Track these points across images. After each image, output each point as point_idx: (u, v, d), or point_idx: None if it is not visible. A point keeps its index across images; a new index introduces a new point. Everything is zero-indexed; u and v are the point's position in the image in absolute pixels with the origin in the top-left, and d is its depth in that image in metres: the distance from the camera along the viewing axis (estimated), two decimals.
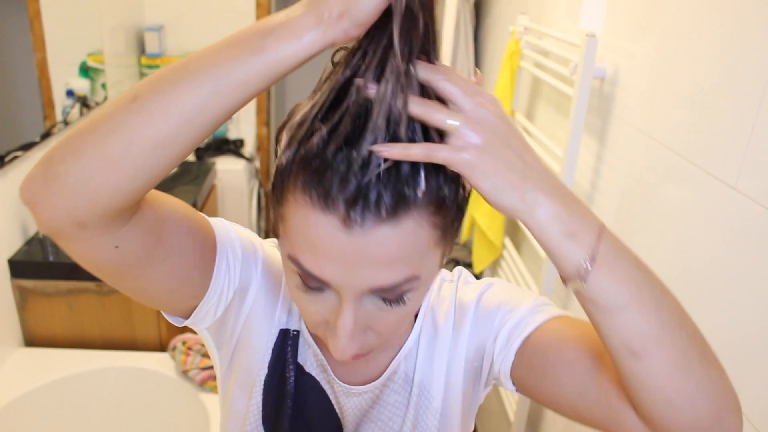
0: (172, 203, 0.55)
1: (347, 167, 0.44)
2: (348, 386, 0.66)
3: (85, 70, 2.13)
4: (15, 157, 1.63)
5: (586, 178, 1.47)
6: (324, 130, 0.45)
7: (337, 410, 0.68)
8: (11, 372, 1.55)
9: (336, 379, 0.66)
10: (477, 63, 2.77)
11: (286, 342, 0.66)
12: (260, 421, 0.68)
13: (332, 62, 0.50)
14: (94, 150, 0.43)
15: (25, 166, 1.70)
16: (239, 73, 0.42)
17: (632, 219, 1.23)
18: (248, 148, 2.82)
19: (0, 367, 1.56)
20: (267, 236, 3.35)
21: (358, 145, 0.44)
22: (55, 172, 0.44)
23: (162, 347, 1.75)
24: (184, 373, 1.59)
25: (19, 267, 1.62)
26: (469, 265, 2.28)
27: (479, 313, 0.65)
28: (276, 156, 0.51)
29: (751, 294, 0.85)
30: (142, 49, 2.73)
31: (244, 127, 3.01)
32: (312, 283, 0.50)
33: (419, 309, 0.66)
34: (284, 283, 0.67)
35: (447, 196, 0.48)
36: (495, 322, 0.63)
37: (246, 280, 0.64)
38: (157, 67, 2.70)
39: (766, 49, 0.84)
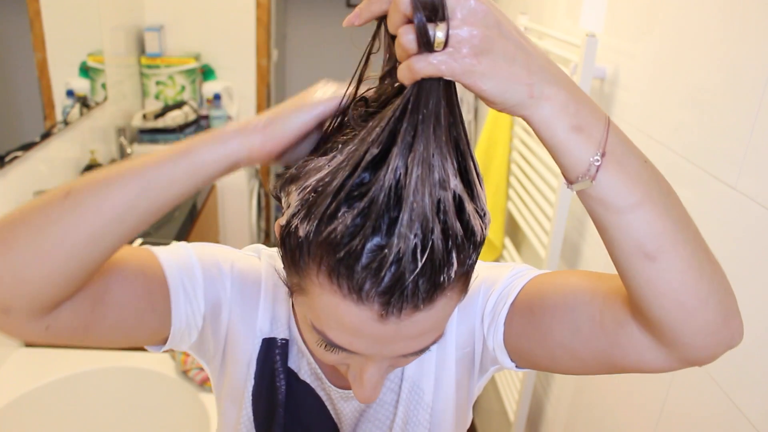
0: (126, 263, 0.54)
1: (380, 262, 0.41)
2: (344, 391, 0.66)
3: (85, 70, 2.12)
4: (15, 157, 1.63)
5: None
6: (349, 219, 0.42)
7: (334, 415, 0.68)
8: (11, 372, 1.55)
9: (331, 386, 0.66)
10: None
11: (273, 351, 0.65)
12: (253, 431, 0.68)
13: (348, 117, 0.48)
14: (25, 243, 0.43)
15: (25, 166, 1.70)
16: (166, 173, 0.44)
17: None
18: None
19: (0, 367, 1.56)
20: (267, 236, 3.35)
21: (389, 238, 0.41)
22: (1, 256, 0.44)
23: None
24: (184, 373, 1.59)
25: None
26: None
27: (463, 303, 0.65)
28: (280, 203, 0.50)
29: (751, 294, 0.85)
30: (142, 49, 2.73)
31: None
32: (336, 349, 0.50)
33: None
34: (264, 291, 0.65)
35: (473, 261, 0.48)
36: (479, 301, 0.63)
37: (214, 302, 0.62)
38: (157, 67, 2.70)
39: (766, 49, 0.84)
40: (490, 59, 0.39)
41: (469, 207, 0.44)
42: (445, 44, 0.38)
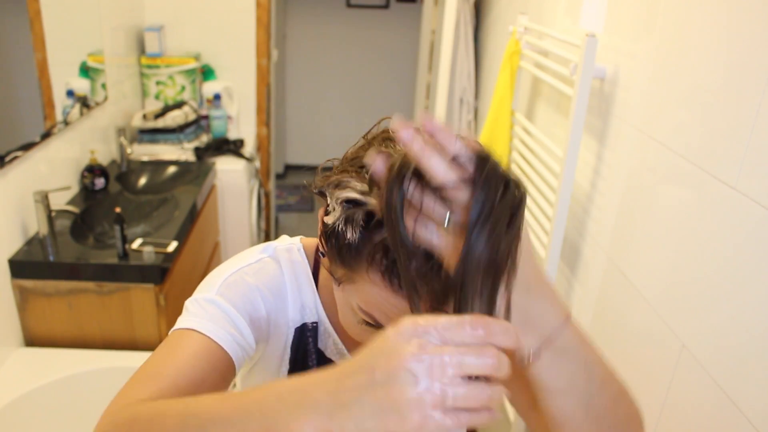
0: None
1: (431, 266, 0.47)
2: None
3: (85, 70, 2.12)
4: (15, 157, 1.63)
5: (586, 178, 1.46)
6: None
7: None
8: (11, 372, 1.55)
9: None
10: (477, 63, 2.77)
11: (305, 335, 0.72)
12: None
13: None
14: None
15: (25, 166, 1.70)
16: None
17: (632, 219, 1.23)
18: (248, 149, 2.82)
19: (0, 367, 1.56)
20: (267, 236, 3.35)
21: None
22: None
23: None
24: None
25: (19, 267, 1.62)
26: None
27: None
28: (323, 197, 0.56)
29: (751, 294, 0.85)
30: (142, 49, 2.73)
31: (244, 127, 3.01)
32: (377, 328, 0.56)
33: None
34: (289, 286, 0.72)
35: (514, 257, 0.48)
36: None
37: (258, 326, 0.70)
38: (157, 67, 2.70)
39: (767, 49, 0.84)
40: None
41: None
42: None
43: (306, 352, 0.72)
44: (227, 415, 0.44)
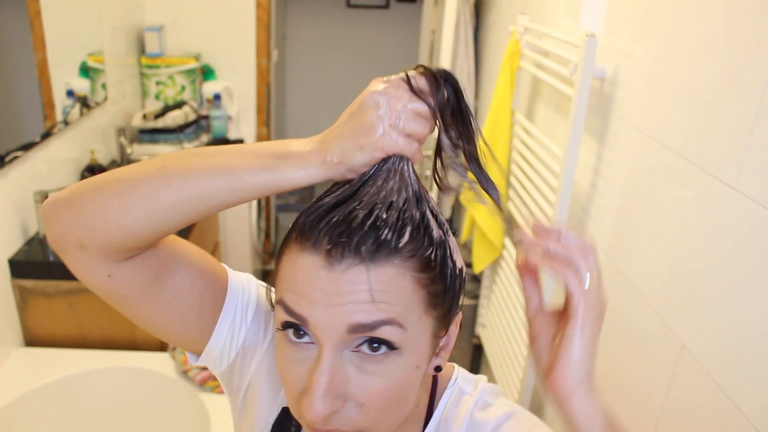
0: (186, 251, 0.60)
1: (338, 217, 0.49)
2: None
3: (85, 70, 2.13)
4: (15, 157, 1.63)
5: (586, 178, 1.47)
6: (325, 198, 0.52)
7: None
8: (11, 372, 1.55)
9: None
10: (477, 63, 2.77)
11: (289, 421, 0.66)
12: None
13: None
14: (116, 194, 0.51)
15: (26, 166, 1.70)
16: (250, 179, 0.51)
17: (632, 219, 1.23)
18: None
19: (0, 367, 1.56)
20: (267, 236, 3.35)
21: (351, 201, 0.50)
22: (78, 198, 0.53)
23: (162, 347, 1.75)
24: (184, 373, 1.59)
25: (19, 267, 1.62)
26: (469, 265, 2.28)
27: None
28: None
29: (750, 294, 0.85)
30: (142, 49, 2.73)
31: (244, 127, 3.01)
32: (295, 333, 0.51)
33: (428, 416, 0.63)
34: None
35: (432, 260, 0.51)
36: None
37: (252, 345, 0.65)
38: (157, 67, 2.70)
39: (766, 48, 0.84)
40: (585, 340, 0.50)
41: (431, 218, 0.52)
42: None
43: None
44: (247, 164, 0.51)
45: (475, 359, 2.48)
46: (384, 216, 0.49)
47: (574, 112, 1.33)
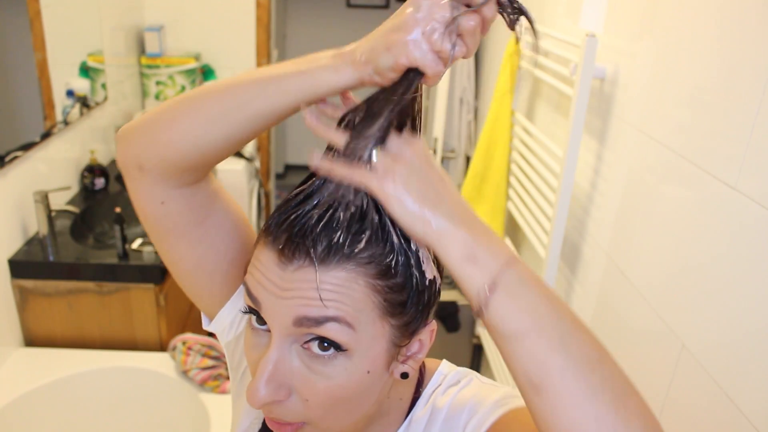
0: (231, 204, 0.62)
1: (294, 216, 0.49)
2: None
3: (85, 70, 2.13)
4: (15, 157, 1.63)
5: (586, 178, 1.46)
6: (296, 194, 0.52)
7: None
8: (11, 372, 1.55)
9: None
10: (477, 63, 2.77)
11: None
12: None
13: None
14: (168, 110, 0.54)
15: (25, 166, 1.70)
16: (282, 83, 0.52)
17: (632, 219, 1.23)
18: (248, 148, 2.82)
19: (0, 367, 1.56)
20: None
21: (310, 200, 0.50)
22: (140, 122, 0.56)
23: (162, 347, 1.75)
24: (184, 373, 1.59)
25: (19, 267, 1.63)
26: None
27: (450, 415, 0.61)
28: None
29: (750, 294, 0.85)
30: (142, 49, 2.73)
31: None
32: (258, 319, 0.52)
33: (407, 410, 0.63)
34: None
35: (393, 267, 0.50)
36: (463, 417, 0.60)
37: None
38: (157, 67, 2.70)
39: (766, 49, 0.84)
40: (405, 191, 0.47)
41: (390, 223, 0.50)
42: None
43: None
44: (282, 71, 0.53)
45: (475, 359, 2.48)
46: (340, 216, 0.48)
47: (574, 112, 1.33)
